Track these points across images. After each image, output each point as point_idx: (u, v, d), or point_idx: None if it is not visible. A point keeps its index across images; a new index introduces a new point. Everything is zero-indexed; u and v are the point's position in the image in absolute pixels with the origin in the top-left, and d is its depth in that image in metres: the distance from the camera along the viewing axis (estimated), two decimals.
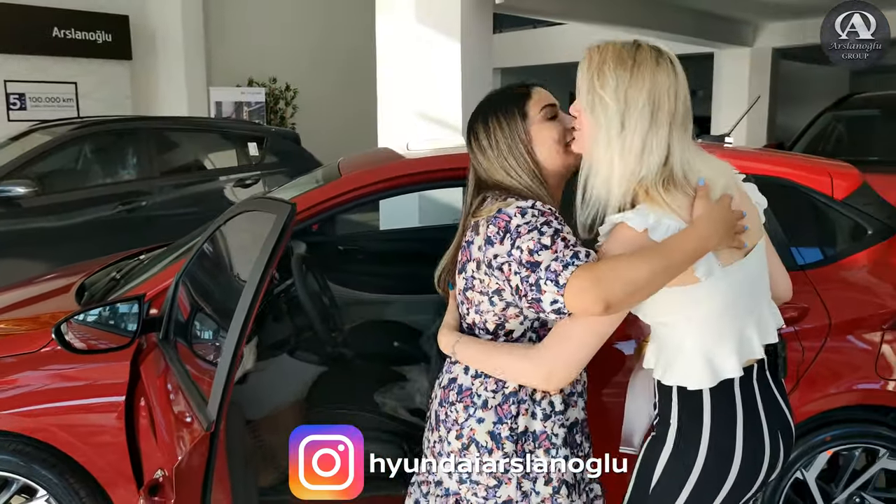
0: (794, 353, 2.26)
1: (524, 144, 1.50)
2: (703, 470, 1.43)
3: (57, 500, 2.17)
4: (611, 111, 1.36)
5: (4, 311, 2.63)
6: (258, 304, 1.39)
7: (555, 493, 1.46)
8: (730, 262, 1.41)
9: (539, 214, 1.38)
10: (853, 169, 2.62)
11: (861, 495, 2.36)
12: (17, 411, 2.14)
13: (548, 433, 1.47)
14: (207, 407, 1.37)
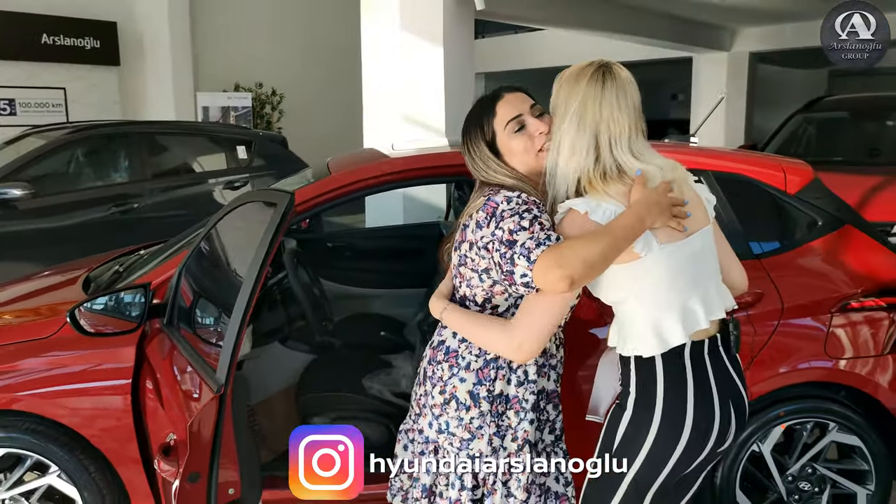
0: (749, 336, 2.46)
1: (493, 160, 1.67)
2: (658, 433, 1.60)
3: (68, 476, 2.32)
4: (556, 120, 1.62)
5: (12, 303, 2.78)
6: (263, 280, 1.56)
7: (519, 451, 1.66)
8: (670, 241, 1.61)
9: (522, 203, 1.56)
10: (806, 165, 2.82)
11: (813, 466, 2.54)
12: (30, 393, 2.29)
13: (519, 398, 1.65)
14: (216, 373, 1.54)
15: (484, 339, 1.62)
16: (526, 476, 1.66)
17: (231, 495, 1.57)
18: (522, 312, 1.56)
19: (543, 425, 1.72)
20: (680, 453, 1.62)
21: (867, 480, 2.54)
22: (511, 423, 1.65)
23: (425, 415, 1.70)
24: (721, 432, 1.66)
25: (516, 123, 1.66)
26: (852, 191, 4.97)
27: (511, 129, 1.66)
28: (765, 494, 2.55)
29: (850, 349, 2.51)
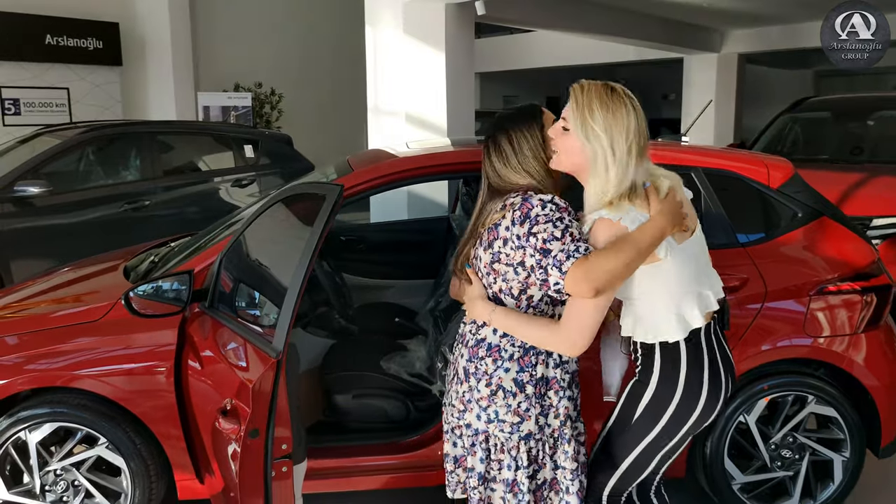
0: (736, 318, 2.69)
1: (542, 148, 1.85)
2: (679, 402, 1.86)
3: (115, 447, 2.53)
4: (604, 142, 1.74)
5: (53, 290, 3.00)
6: (313, 264, 1.78)
7: (562, 426, 1.86)
8: (682, 241, 1.85)
9: (555, 209, 1.74)
10: (787, 162, 3.06)
11: (793, 435, 2.78)
12: (82, 372, 2.50)
13: (557, 378, 1.85)
14: (273, 343, 1.76)
15: (537, 338, 1.79)
16: (572, 447, 1.87)
17: (284, 450, 1.79)
18: (570, 313, 1.74)
19: (576, 403, 1.93)
20: (696, 417, 1.88)
21: (843, 448, 2.78)
22: (552, 402, 1.85)
23: (471, 409, 1.86)
24: (725, 394, 1.92)
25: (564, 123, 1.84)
26: (835, 187, 5.21)
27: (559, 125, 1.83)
28: (750, 461, 2.79)
29: (827, 329, 2.75)
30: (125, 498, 2.57)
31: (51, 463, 2.55)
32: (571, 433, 1.88)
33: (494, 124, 1.93)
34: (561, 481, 1.89)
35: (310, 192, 2.02)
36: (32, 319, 2.71)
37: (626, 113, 1.74)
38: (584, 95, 1.76)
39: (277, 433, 1.75)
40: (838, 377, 2.82)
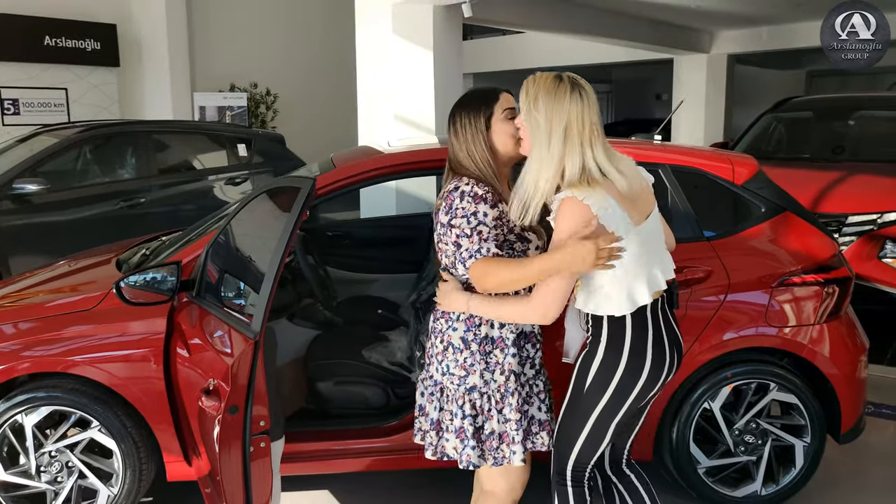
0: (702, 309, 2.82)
1: (482, 133, 2.01)
2: (624, 371, 1.99)
3: (107, 430, 2.66)
4: (542, 130, 1.88)
5: (49, 282, 3.12)
6: (289, 250, 1.91)
7: (507, 381, 2.01)
8: (639, 224, 1.97)
9: (472, 201, 1.92)
10: (751, 159, 3.18)
11: (756, 421, 2.90)
12: (76, 358, 2.63)
13: (502, 337, 2.01)
14: (251, 325, 1.89)
15: (514, 315, 1.93)
16: (516, 400, 2.01)
17: (262, 427, 1.92)
18: (539, 288, 1.87)
19: (525, 361, 2.07)
20: (641, 386, 2.01)
21: (804, 434, 2.90)
22: (498, 360, 2.01)
23: (433, 363, 2.07)
24: (669, 367, 2.05)
25: (511, 112, 2.03)
26: (813, 185, 5.35)
27: (507, 114, 2.02)
28: (715, 446, 2.91)
29: (789, 319, 2.87)
30: (116, 479, 2.70)
31: (46, 445, 2.67)
32: (516, 387, 2.02)
33: (457, 100, 2.11)
34: (508, 432, 2.02)
35: (286, 185, 2.15)
36: (29, 308, 2.83)
37: (569, 101, 1.86)
38: (533, 86, 1.90)
39: (255, 411, 1.88)
40: (800, 366, 2.93)
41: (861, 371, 3.01)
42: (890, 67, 10.60)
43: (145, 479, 2.74)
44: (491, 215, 1.95)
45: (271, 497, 2.05)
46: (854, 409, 2.99)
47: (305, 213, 1.94)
